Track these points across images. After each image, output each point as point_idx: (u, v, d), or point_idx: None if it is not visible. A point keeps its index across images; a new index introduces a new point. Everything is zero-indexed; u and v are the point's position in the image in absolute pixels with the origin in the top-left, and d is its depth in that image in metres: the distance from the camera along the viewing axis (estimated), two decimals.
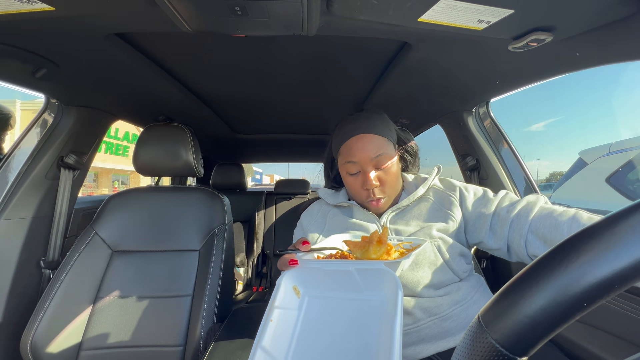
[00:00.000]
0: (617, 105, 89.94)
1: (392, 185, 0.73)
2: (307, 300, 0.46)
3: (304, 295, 0.46)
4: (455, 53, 0.74)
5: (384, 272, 0.42)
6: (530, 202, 0.65)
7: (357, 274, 0.43)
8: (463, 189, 0.75)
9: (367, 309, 0.42)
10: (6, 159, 0.97)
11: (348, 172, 0.73)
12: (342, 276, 0.44)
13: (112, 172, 14.96)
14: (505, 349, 0.21)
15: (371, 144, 0.70)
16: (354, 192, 0.75)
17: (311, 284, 0.47)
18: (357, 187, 0.73)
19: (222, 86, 1.07)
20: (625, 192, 2.22)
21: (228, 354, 0.64)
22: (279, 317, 0.42)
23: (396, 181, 0.74)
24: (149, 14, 0.57)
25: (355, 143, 0.71)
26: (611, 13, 0.53)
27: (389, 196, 0.73)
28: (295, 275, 0.47)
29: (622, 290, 0.19)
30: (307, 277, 0.47)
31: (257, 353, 0.37)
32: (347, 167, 0.73)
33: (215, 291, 0.89)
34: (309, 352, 0.39)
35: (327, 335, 0.41)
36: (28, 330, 0.81)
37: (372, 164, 0.70)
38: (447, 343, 0.63)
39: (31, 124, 1.01)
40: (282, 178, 2.44)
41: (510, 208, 0.66)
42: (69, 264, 0.90)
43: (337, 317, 0.43)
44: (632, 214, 0.20)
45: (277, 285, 0.46)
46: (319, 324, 0.43)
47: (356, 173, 0.72)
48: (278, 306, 0.43)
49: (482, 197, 0.72)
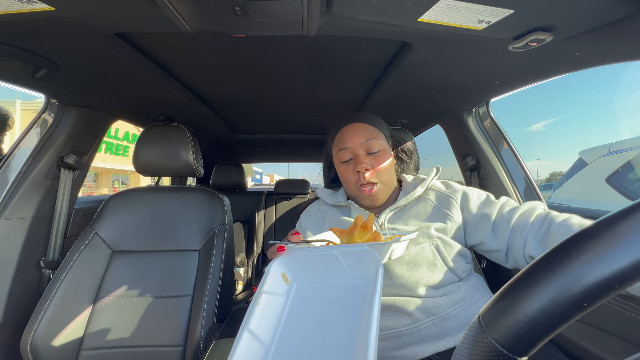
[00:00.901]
0: (618, 105, 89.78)
1: (383, 172, 0.74)
2: (295, 286, 0.47)
3: (292, 281, 0.47)
4: (455, 53, 0.74)
5: (367, 252, 0.43)
6: (531, 207, 0.67)
7: (341, 257, 0.45)
8: (467, 191, 0.76)
9: (351, 289, 0.43)
10: (6, 159, 0.97)
11: (341, 161, 0.76)
12: (328, 261, 0.46)
13: (112, 172, 14.96)
14: (506, 349, 0.21)
15: (361, 130, 0.75)
16: (346, 181, 0.76)
17: (299, 270, 0.48)
18: (349, 174, 0.74)
19: (222, 86, 1.07)
20: (625, 192, 2.22)
21: (228, 354, 0.64)
22: (267, 302, 0.43)
23: (389, 171, 0.75)
24: (149, 14, 0.57)
25: (347, 130, 0.76)
26: (611, 13, 0.53)
27: (383, 184, 0.74)
28: (284, 262, 0.48)
29: (622, 290, 0.19)
30: (295, 264, 0.48)
31: (244, 335, 0.38)
32: (340, 155, 0.76)
33: (215, 291, 0.89)
34: (295, 335, 0.40)
35: (312, 317, 0.42)
36: (28, 330, 0.81)
37: (362, 147, 0.73)
38: (447, 343, 0.63)
39: (31, 124, 1.00)
40: (282, 178, 2.44)
41: (513, 211, 0.68)
42: (69, 264, 0.90)
43: (323, 300, 0.44)
44: (632, 214, 0.20)
45: (266, 271, 0.47)
46: (305, 307, 0.44)
47: (348, 160, 0.75)
48: (266, 291, 0.44)
49: (485, 200, 0.73)
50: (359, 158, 0.72)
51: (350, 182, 0.75)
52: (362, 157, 0.72)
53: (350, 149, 0.74)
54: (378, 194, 0.73)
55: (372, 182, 0.72)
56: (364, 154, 0.73)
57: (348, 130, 0.75)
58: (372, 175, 0.72)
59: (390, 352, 0.64)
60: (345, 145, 0.74)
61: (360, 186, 0.73)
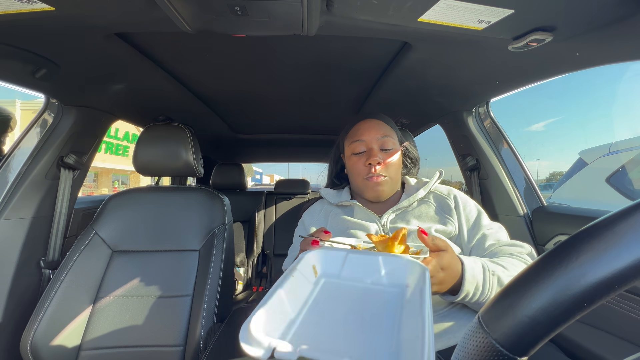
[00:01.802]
0: (618, 105, 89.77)
1: (393, 169, 0.77)
2: (324, 280, 0.45)
3: (321, 276, 0.46)
4: (455, 53, 0.74)
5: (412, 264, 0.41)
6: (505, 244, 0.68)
7: (382, 264, 0.43)
8: (466, 203, 0.76)
9: (388, 297, 0.41)
10: (6, 159, 0.97)
11: (353, 152, 0.78)
12: (364, 265, 0.44)
13: (112, 172, 14.96)
14: (506, 349, 0.21)
15: (378, 126, 0.78)
16: (356, 172, 0.78)
17: (331, 267, 0.46)
18: (359, 165, 0.76)
19: (222, 86, 1.07)
20: (625, 192, 2.22)
21: (228, 354, 0.64)
22: (298, 279, 0.41)
23: (397, 168, 0.79)
24: (149, 13, 0.57)
25: (364, 124, 0.79)
26: (611, 13, 0.53)
27: (390, 179, 0.76)
28: (318, 256, 0.47)
29: (622, 289, 0.19)
30: (328, 260, 0.47)
31: (275, 295, 0.36)
32: (354, 147, 0.78)
33: (215, 291, 0.89)
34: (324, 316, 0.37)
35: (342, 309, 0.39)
36: (28, 330, 0.80)
37: (377, 143, 0.76)
38: (447, 341, 0.63)
39: (31, 124, 1.00)
40: (282, 178, 2.43)
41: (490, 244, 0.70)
42: (69, 264, 0.90)
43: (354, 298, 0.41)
44: (632, 214, 0.20)
45: (299, 258, 0.46)
46: (334, 299, 0.41)
47: (361, 152, 0.77)
48: (299, 270, 0.43)
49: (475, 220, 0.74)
50: (373, 151, 0.75)
51: (359, 173, 0.77)
52: (376, 151, 0.75)
53: (366, 141, 0.76)
54: (384, 185, 0.75)
55: (380, 174, 0.75)
56: (378, 148, 0.76)
57: (365, 124, 0.78)
58: (382, 169, 0.75)
59: None
60: (361, 137, 0.77)
61: (369, 177, 0.75)
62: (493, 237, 0.70)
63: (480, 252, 0.70)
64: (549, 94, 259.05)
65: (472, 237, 0.72)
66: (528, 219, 1.04)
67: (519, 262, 0.63)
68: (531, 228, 1.02)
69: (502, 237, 0.72)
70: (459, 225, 0.74)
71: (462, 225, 0.73)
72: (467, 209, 0.75)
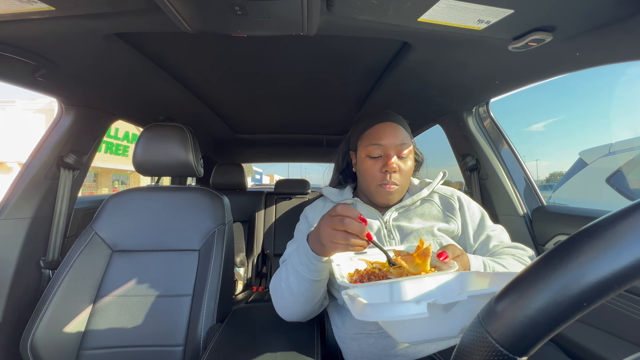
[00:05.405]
0: (618, 105, 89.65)
1: (406, 176, 0.76)
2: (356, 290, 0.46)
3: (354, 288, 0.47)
4: (455, 53, 0.74)
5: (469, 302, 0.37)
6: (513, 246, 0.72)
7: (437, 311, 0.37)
8: (469, 205, 0.78)
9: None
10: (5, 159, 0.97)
11: (369, 155, 0.76)
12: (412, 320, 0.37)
13: (112, 172, 14.95)
14: (505, 349, 0.21)
15: (398, 132, 0.76)
16: (369, 176, 0.76)
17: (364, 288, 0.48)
18: (374, 170, 0.75)
19: (222, 86, 1.07)
20: (625, 192, 2.22)
21: (228, 354, 0.64)
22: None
23: (409, 175, 0.78)
24: (149, 14, 0.57)
25: (384, 128, 0.76)
26: (611, 13, 0.53)
27: (401, 186, 0.76)
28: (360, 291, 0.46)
29: (622, 290, 0.19)
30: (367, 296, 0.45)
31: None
32: (370, 150, 0.75)
33: (215, 291, 0.89)
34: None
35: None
36: (28, 330, 0.80)
37: (395, 149, 0.74)
38: (448, 342, 0.63)
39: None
40: (282, 178, 2.43)
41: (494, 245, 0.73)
42: (69, 263, 0.90)
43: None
44: (632, 214, 0.20)
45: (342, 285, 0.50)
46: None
47: (377, 157, 0.75)
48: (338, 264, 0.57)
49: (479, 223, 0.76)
50: (390, 158, 0.73)
51: (374, 178, 0.75)
52: (394, 158, 0.74)
53: (384, 146, 0.74)
54: (396, 193, 0.75)
55: (395, 183, 0.74)
56: (395, 155, 0.74)
57: (385, 128, 0.76)
58: (396, 177, 0.74)
59: (392, 350, 0.64)
60: (380, 142, 0.74)
61: (383, 184, 0.74)
62: (497, 238, 0.72)
63: (484, 252, 0.71)
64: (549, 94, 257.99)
65: (476, 238, 0.73)
66: (528, 219, 1.04)
67: (519, 264, 0.63)
68: (531, 228, 1.02)
69: (505, 239, 0.74)
70: (462, 226, 0.74)
71: (467, 226, 0.74)
72: (471, 211, 0.76)
